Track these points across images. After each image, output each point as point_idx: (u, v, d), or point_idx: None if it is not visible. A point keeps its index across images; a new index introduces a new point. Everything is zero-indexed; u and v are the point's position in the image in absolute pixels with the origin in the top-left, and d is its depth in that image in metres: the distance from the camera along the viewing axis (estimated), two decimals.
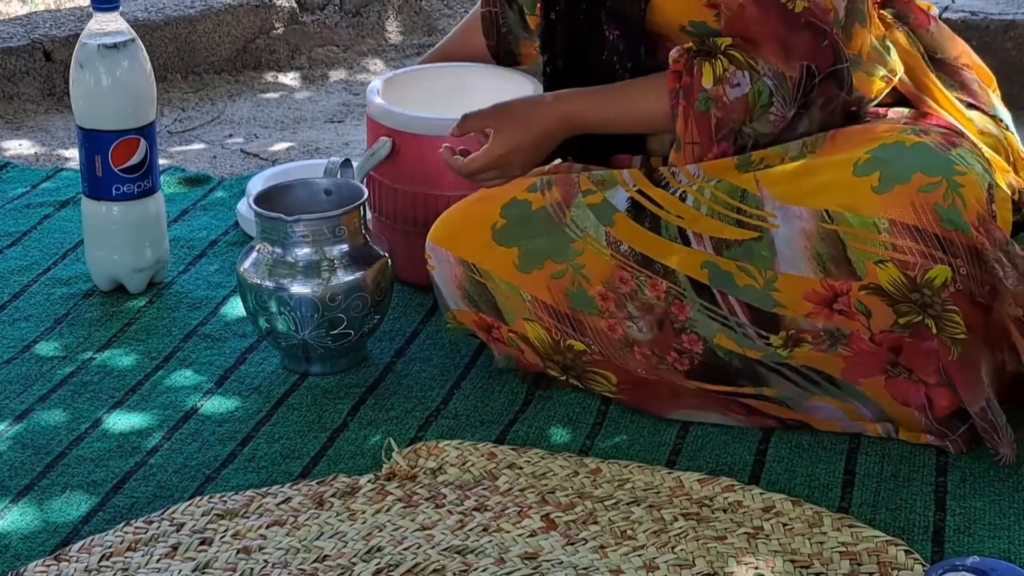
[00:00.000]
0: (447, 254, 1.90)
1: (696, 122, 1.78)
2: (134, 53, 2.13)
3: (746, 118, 1.77)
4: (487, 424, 1.86)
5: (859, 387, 1.75)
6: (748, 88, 1.75)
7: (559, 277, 1.83)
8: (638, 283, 1.79)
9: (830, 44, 1.75)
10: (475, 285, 1.89)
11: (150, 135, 2.17)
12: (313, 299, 1.92)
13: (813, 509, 1.63)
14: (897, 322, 1.69)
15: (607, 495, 1.68)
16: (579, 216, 1.83)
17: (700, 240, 1.75)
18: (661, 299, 1.78)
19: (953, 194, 1.63)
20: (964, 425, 1.74)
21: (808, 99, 1.77)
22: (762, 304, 1.72)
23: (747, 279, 1.72)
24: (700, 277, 1.75)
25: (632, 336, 1.81)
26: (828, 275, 1.68)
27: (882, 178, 1.65)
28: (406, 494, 1.69)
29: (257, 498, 1.68)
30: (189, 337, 2.10)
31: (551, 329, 1.85)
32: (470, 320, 1.92)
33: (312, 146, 2.94)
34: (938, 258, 1.64)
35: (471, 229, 1.89)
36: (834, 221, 1.66)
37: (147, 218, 2.20)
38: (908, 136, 1.69)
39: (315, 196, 2.04)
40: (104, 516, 1.69)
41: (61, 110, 3.10)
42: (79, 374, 2.01)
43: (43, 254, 2.36)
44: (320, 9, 3.46)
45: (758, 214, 1.72)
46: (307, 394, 1.95)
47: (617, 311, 1.81)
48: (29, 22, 3.26)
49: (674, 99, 1.79)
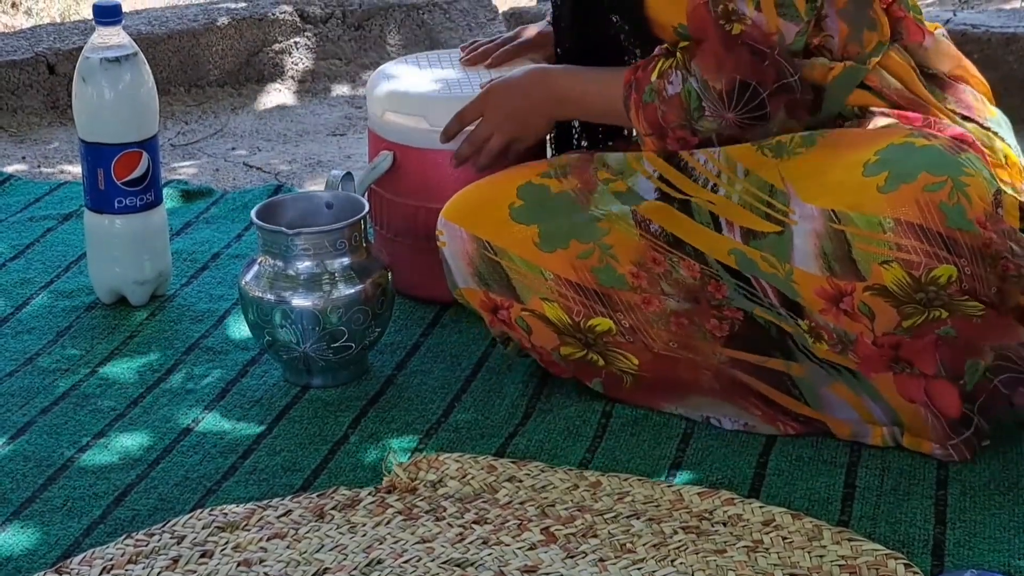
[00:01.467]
0: (460, 230, 1.89)
1: (644, 113, 1.83)
2: (136, 67, 2.14)
3: (685, 116, 1.81)
4: (487, 437, 1.86)
5: (872, 381, 1.76)
6: (680, 88, 1.80)
7: (586, 257, 1.83)
8: (671, 263, 1.80)
9: (771, 64, 1.78)
10: (487, 263, 1.88)
11: (152, 148, 2.18)
12: (314, 312, 1.93)
13: (813, 522, 1.63)
14: (901, 324, 1.69)
15: (607, 508, 1.68)
16: (603, 201, 1.84)
17: (731, 228, 1.76)
18: (696, 279, 1.79)
19: (958, 193, 1.64)
20: (969, 430, 1.75)
21: (761, 112, 1.79)
22: (787, 292, 1.74)
23: (770, 268, 1.74)
24: (729, 263, 1.77)
25: (669, 307, 1.82)
26: (833, 274, 1.69)
27: (888, 177, 1.66)
28: (406, 507, 1.69)
29: (258, 511, 1.69)
30: (191, 350, 2.10)
31: (573, 308, 1.85)
32: (477, 299, 1.92)
33: (314, 159, 2.94)
34: (943, 257, 1.65)
35: (487, 207, 1.89)
36: (841, 221, 1.67)
37: (149, 231, 2.21)
38: (918, 138, 1.70)
39: (316, 209, 2.04)
40: (105, 529, 1.69)
41: (64, 123, 3.11)
42: (81, 387, 2.01)
43: (46, 267, 2.37)
44: (323, 22, 3.47)
45: (783, 209, 1.73)
46: (308, 407, 1.95)
47: (650, 287, 1.82)
48: (33, 35, 3.27)
49: (627, 91, 1.84)
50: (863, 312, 1.69)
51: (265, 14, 3.40)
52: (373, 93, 2.21)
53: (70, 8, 4.18)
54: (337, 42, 3.48)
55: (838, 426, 1.82)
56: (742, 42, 1.77)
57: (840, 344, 1.74)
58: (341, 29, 3.49)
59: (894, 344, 1.72)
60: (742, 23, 1.77)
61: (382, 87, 2.20)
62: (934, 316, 1.69)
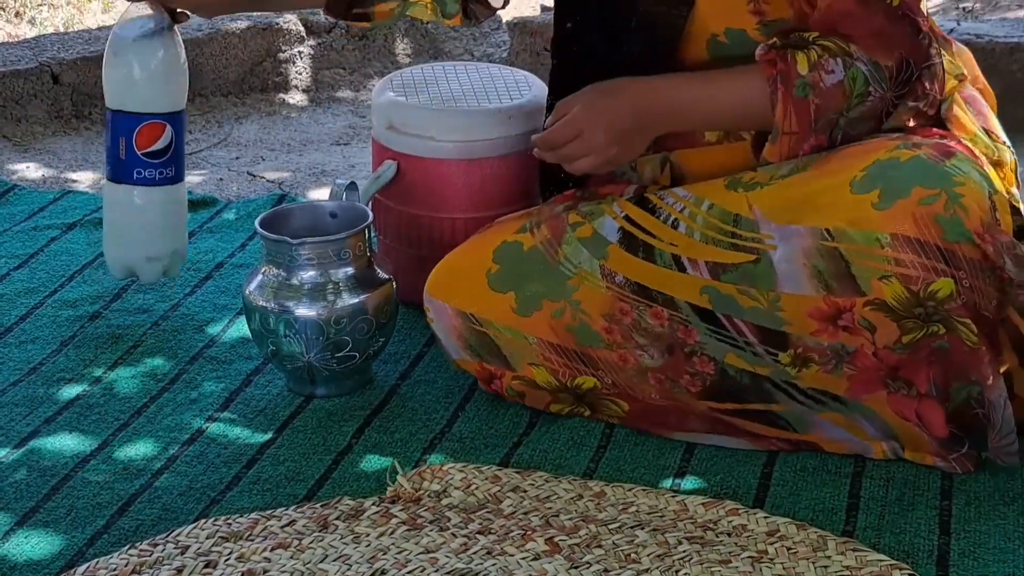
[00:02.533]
0: (444, 306, 1.90)
1: (795, 109, 1.74)
2: (168, 40, 2.11)
3: (844, 106, 1.74)
4: (491, 447, 1.86)
5: (863, 403, 1.75)
6: (843, 75, 1.72)
7: (559, 315, 1.83)
8: (639, 313, 1.79)
9: (925, 37, 1.74)
10: (475, 335, 1.89)
11: (178, 123, 2.13)
12: (318, 321, 1.93)
13: (817, 533, 1.63)
14: (901, 339, 1.69)
15: (611, 518, 1.68)
16: (572, 252, 1.83)
17: (696, 266, 1.75)
18: (665, 327, 1.78)
19: (954, 205, 1.63)
20: (963, 448, 1.74)
21: (902, 92, 1.74)
22: (770, 323, 1.72)
23: (751, 301, 1.72)
24: (701, 303, 1.75)
25: (644, 363, 1.81)
26: (831, 292, 1.68)
27: (882, 194, 1.66)
28: (410, 517, 1.69)
29: (262, 520, 1.69)
30: (195, 359, 2.10)
31: (559, 371, 1.86)
32: (474, 369, 1.93)
33: (318, 168, 2.94)
34: (940, 271, 1.64)
35: (466, 278, 1.90)
36: (835, 239, 1.66)
37: (167, 206, 2.16)
38: (902, 151, 1.69)
39: (320, 219, 2.04)
40: (109, 539, 1.69)
41: (68, 133, 3.11)
42: (85, 396, 2.01)
43: (50, 276, 2.37)
44: (327, 32, 3.47)
45: (753, 236, 1.72)
46: (312, 416, 1.95)
47: (625, 341, 1.81)
48: (37, 45, 3.28)
49: (772, 85, 1.74)
50: (864, 326, 1.69)
51: (269, 23, 3.40)
52: (377, 103, 2.21)
53: (73, 18, 4.19)
54: (341, 51, 3.48)
55: (832, 445, 1.81)
56: (902, 13, 1.73)
57: (834, 360, 1.72)
58: (345, 39, 3.49)
59: (894, 362, 1.72)
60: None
61: (387, 97, 2.20)
62: (933, 331, 1.68)
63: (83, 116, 3.16)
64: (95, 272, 2.37)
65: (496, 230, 1.92)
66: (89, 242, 2.48)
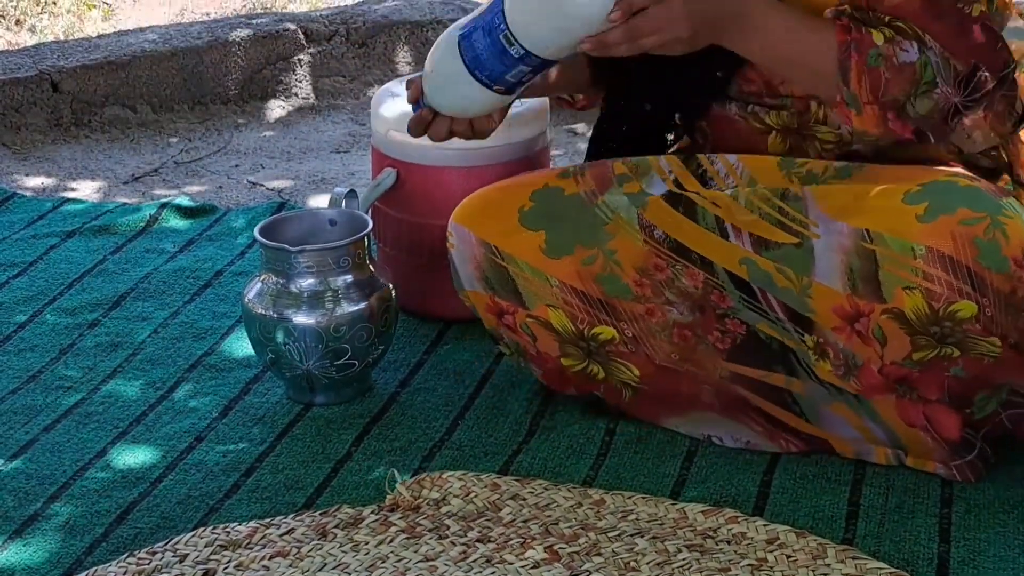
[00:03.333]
0: (469, 234, 1.88)
1: (868, 77, 1.66)
2: None
3: (912, 90, 1.66)
4: (491, 455, 1.86)
5: (873, 404, 1.75)
6: (916, 57, 1.65)
7: (589, 263, 1.81)
8: (674, 271, 1.78)
9: (1004, 48, 1.69)
10: (495, 268, 1.87)
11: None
12: (317, 329, 1.93)
13: (817, 541, 1.63)
14: (911, 356, 1.68)
15: (611, 526, 1.67)
16: (612, 200, 1.80)
17: (739, 235, 1.74)
18: (699, 288, 1.78)
19: (995, 230, 1.62)
20: (971, 454, 1.74)
21: (973, 97, 1.68)
22: (798, 307, 1.72)
23: (785, 281, 1.72)
24: (739, 272, 1.75)
25: (672, 318, 1.80)
26: (855, 292, 1.68)
27: (928, 208, 1.64)
28: (409, 525, 1.68)
29: (260, 529, 1.68)
30: (194, 367, 2.10)
31: (578, 316, 1.84)
32: (483, 303, 1.91)
33: (318, 176, 2.94)
34: (966, 293, 1.63)
35: (498, 211, 1.86)
36: (873, 241, 1.66)
37: None
38: (962, 178, 1.68)
39: (320, 226, 2.04)
40: (107, 547, 1.69)
41: (68, 141, 3.11)
42: (84, 404, 2.01)
43: (49, 284, 2.37)
44: (327, 40, 3.48)
45: (800, 219, 1.71)
46: (311, 424, 1.95)
47: (655, 296, 1.80)
48: (37, 53, 3.28)
49: (844, 51, 1.66)
50: (876, 337, 1.68)
51: (269, 31, 3.40)
52: (377, 111, 2.21)
53: (73, 26, 4.19)
54: (341, 59, 3.48)
55: (840, 444, 1.81)
56: (980, 23, 1.67)
57: (844, 367, 1.73)
58: (345, 46, 3.49)
59: (900, 377, 1.71)
60: (981, 3, 1.67)
61: (386, 105, 2.20)
62: (946, 353, 1.68)
63: (82, 124, 3.16)
64: (94, 280, 2.37)
65: (539, 174, 1.90)
66: (88, 250, 2.48)
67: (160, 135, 3.17)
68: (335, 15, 3.54)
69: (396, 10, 3.60)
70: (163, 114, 3.25)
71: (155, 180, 2.95)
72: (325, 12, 3.59)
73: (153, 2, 4.41)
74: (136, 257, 2.46)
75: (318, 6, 4.28)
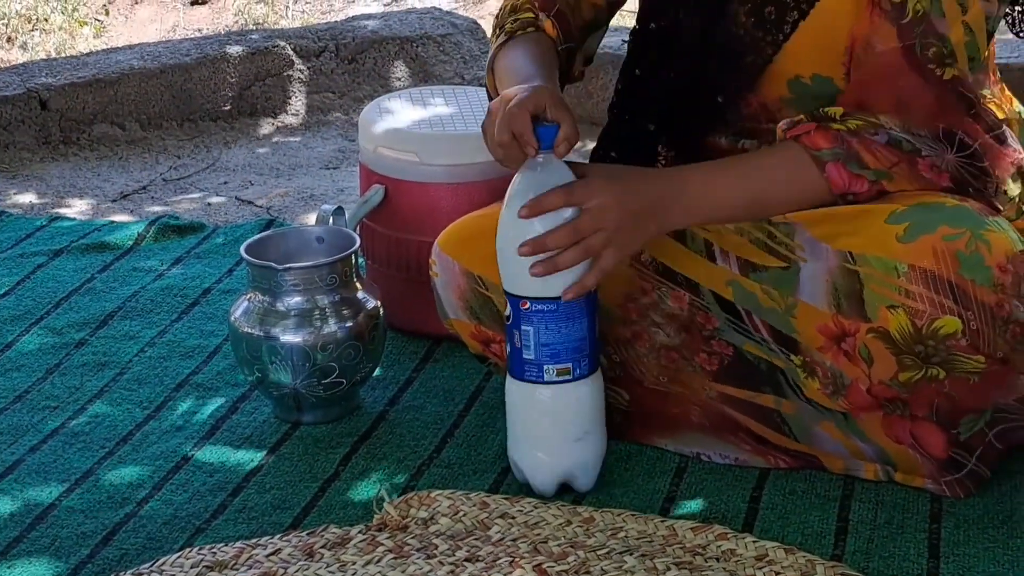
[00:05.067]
0: (453, 263, 1.87)
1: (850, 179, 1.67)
2: None
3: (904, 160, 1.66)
4: (480, 473, 1.85)
5: (860, 423, 1.75)
6: (887, 138, 1.66)
7: None
8: (660, 294, 1.78)
9: (980, 113, 1.67)
10: (479, 298, 1.86)
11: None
12: (304, 348, 1.92)
13: (806, 557, 1.62)
14: (897, 376, 1.68)
15: (600, 544, 1.66)
16: None
17: (726, 258, 1.74)
18: (684, 310, 1.77)
19: (977, 241, 1.61)
20: (961, 472, 1.74)
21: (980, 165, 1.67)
22: (782, 327, 1.72)
23: (770, 301, 1.72)
24: (724, 294, 1.75)
25: (659, 340, 1.80)
26: (840, 311, 1.67)
27: (909, 228, 1.64)
28: (397, 545, 1.67)
29: (247, 550, 1.67)
30: (181, 386, 2.09)
31: None
32: (468, 331, 1.90)
33: (307, 193, 2.94)
34: (948, 308, 1.62)
35: (481, 239, 1.82)
36: (856, 262, 1.66)
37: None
38: (950, 199, 1.67)
39: (307, 244, 2.04)
40: (93, 568, 1.68)
41: (56, 159, 3.10)
42: (70, 424, 2.00)
43: (36, 303, 2.36)
44: (316, 56, 3.47)
45: (788, 243, 1.71)
46: (299, 443, 1.94)
47: (640, 319, 1.80)
48: (25, 71, 3.27)
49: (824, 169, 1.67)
50: (863, 356, 1.68)
51: (258, 48, 3.40)
52: (365, 127, 2.20)
53: (65, 43, 4.19)
54: (331, 75, 3.48)
55: (829, 460, 1.81)
56: (952, 88, 1.66)
57: (833, 386, 1.72)
58: (335, 62, 3.49)
59: (889, 398, 1.71)
60: (954, 68, 1.66)
61: (374, 121, 2.19)
62: (931, 375, 1.67)
63: (71, 142, 3.16)
64: (82, 299, 2.37)
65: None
66: (76, 269, 2.47)
67: (149, 153, 3.17)
68: (324, 31, 3.54)
69: (386, 26, 3.60)
70: (152, 131, 3.24)
71: (144, 198, 2.94)
72: (314, 28, 3.59)
73: (145, 19, 4.41)
74: (124, 275, 2.45)
75: (310, 22, 4.28)
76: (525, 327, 1.70)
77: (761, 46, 1.75)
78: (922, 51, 1.66)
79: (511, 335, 1.72)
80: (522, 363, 1.72)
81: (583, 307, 1.70)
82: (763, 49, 1.75)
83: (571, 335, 1.70)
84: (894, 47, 1.67)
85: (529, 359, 1.71)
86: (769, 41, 1.74)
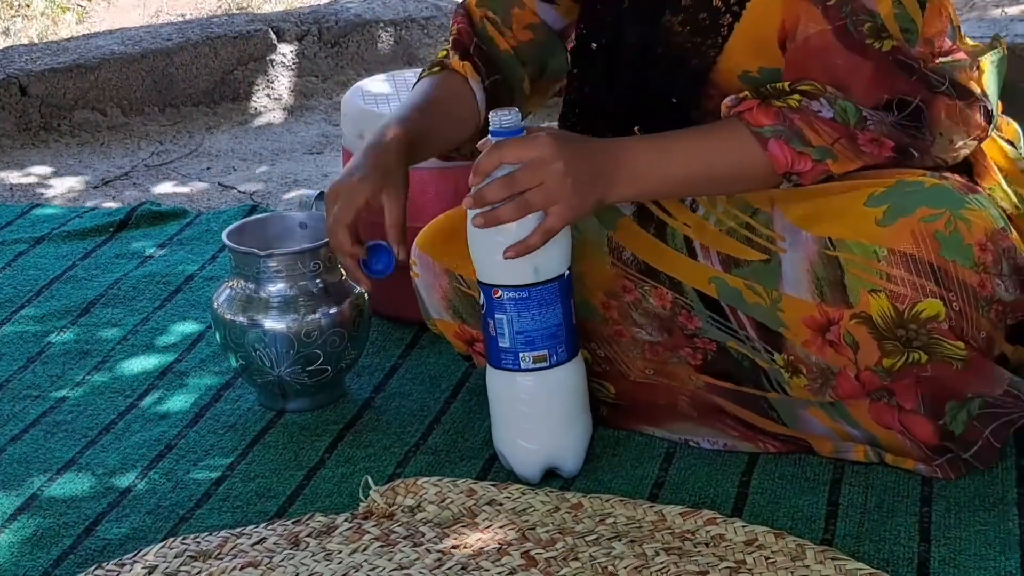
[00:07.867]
0: (433, 263, 1.86)
1: (802, 164, 1.66)
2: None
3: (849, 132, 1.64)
4: (467, 460, 1.84)
5: (848, 407, 1.74)
6: (831, 111, 1.64)
7: None
8: (642, 292, 1.77)
9: (919, 77, 1.65)
10: (461, 296, 1.85)
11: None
12: (288, 335, 1.90)
13: (796, 542, 1.61)
14: (881, 362, 1.67)
15: (588, 530, 1.65)
16: (581, 222, 1.76)
17: (707, 254, 1.73)
18: (667, 308, 1.76)
19: (956, 221, 1.61)
20: (948, 454, 1.73)
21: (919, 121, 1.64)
22: (769, 322, 1.71)
23: (755, 297, 1.71)
24: (708, 291, 1.74)
25: (641, 339, 1.79)
26: (823, 300, 1.66)
27: (888, 211, 1.63)
28: (383, 533, 1.66)
29: (231, 539, 1.66)
30: (164, 375, 2.08)
31: None
32: (452, 331, 1.89)
33: (290, 178, 2.92)
34: (929, 290, 1.62)
35: (460, 238, 1.79)
36: (836, 248, 1.65)
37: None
38: (929, 178, 1.66)
39: (290, 230, 2.02)
40: (75, 559, 1.66)
41: (37, 145, 3.08)
42: (52, 413, 1.98)
43: (17, 291, 2.34)
44: (299, 40, 3.45)
45: (767, 234, 1.70)
46: (283, 431, 1.92)
47: (622, 319, 1.79)
48: (4, 56, 3.25)
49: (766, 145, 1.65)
50: (848, 343, 1.67)
51: (240, 32, 3.38)
52: (347, 111, 2.18)
53: (47, 29, 4.16)
54: (314, 59, 3.45)
55: (819, 442, 1.80)
56: (892, 58, 1.65)
57: (820, 379, 1.71)
58: (318, 46, 3.47)
59: (877, 387, 1.70)
60: (891, 40, 1.65)
61: (356, 105, 2.17)
62: (913, 359, 1.66)
63: (52, 128, 3.13)
64: (63, 287, 2.35)
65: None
66: (57, 256, 2.45)
67: (130, 138, 3.15)
68: (307, 15, 3.52)
69: (369, 9, 3.58)
70: (133, 117, 3.22)
71: (125, 184, 2.92)
72: (297, 12, 3.56)
73: (128, 4, 4.38)
74: (106, 263, 2.43)
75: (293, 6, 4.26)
76: (499, 315, 1.69)
77: (702, 50, 1.74)
78: (856, 28, 1.65)
79: (486, 324, 1.72)
80: (499, 351, 1.71)
81: (555, 293, 1.69)
82: (705, 53, 1.74)
83: (545, 322, 1.69)
84: (823, 29, 1.66)
85: (505, 347, 1.70)
86: (709, 44, 1.74)
